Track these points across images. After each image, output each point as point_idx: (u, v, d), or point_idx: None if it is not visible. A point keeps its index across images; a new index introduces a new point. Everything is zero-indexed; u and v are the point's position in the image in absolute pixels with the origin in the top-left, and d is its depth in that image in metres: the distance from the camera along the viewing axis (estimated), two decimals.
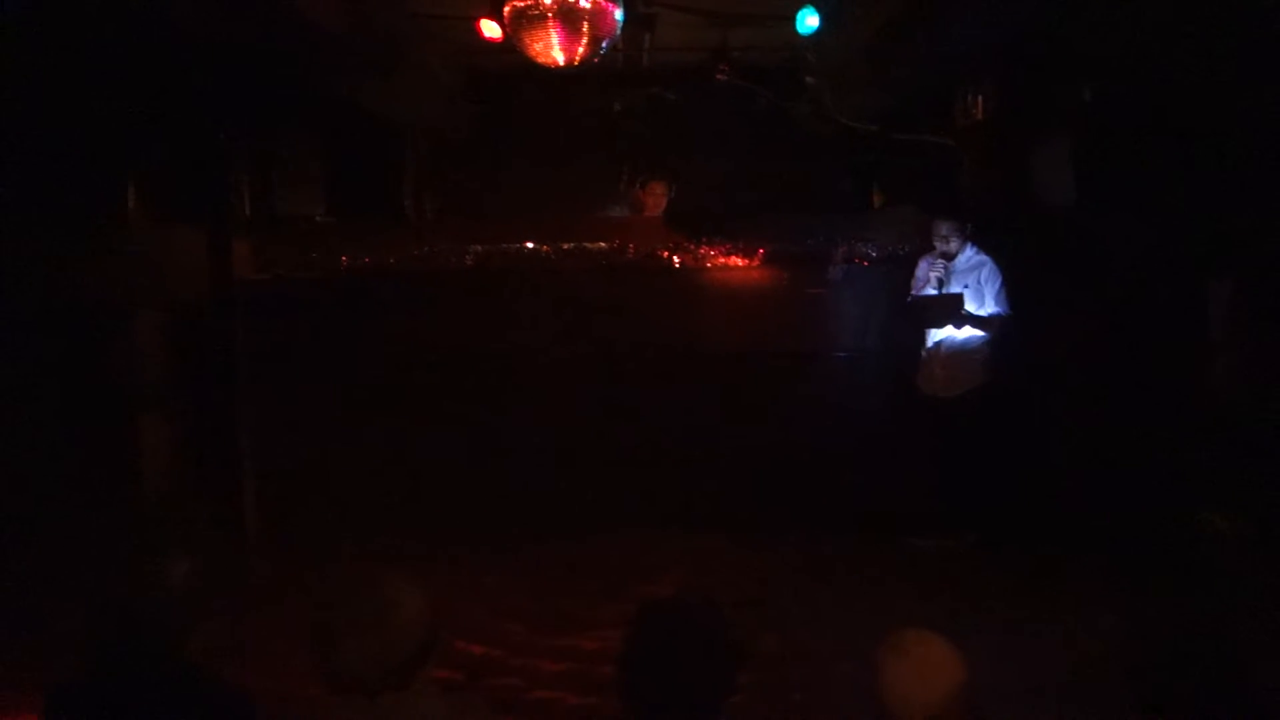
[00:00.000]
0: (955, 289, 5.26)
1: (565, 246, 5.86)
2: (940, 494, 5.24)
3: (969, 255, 5.28)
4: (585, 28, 4.69)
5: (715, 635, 2.04)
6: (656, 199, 7.16)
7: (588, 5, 4.61)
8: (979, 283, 5.24)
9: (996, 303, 5.22)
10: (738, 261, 5.85)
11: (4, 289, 5.49)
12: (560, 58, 4.74)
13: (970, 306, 5.21)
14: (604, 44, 4.80)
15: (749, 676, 3.48)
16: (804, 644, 4.14)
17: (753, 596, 4.60)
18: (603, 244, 5.86)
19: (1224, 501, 4.86)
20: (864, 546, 5.26)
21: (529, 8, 4.64)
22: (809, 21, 5.63)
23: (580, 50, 4.74)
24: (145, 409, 5.84)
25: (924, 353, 5.38)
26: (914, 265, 5.47)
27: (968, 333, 5.23)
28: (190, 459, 6.01)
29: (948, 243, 5.29)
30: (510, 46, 4.94)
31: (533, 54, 4.77)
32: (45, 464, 5.50)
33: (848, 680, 3.64)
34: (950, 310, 5.25)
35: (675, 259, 5.84)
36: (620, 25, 4.84)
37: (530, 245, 5.87)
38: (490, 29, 5.42)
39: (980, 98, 5.81)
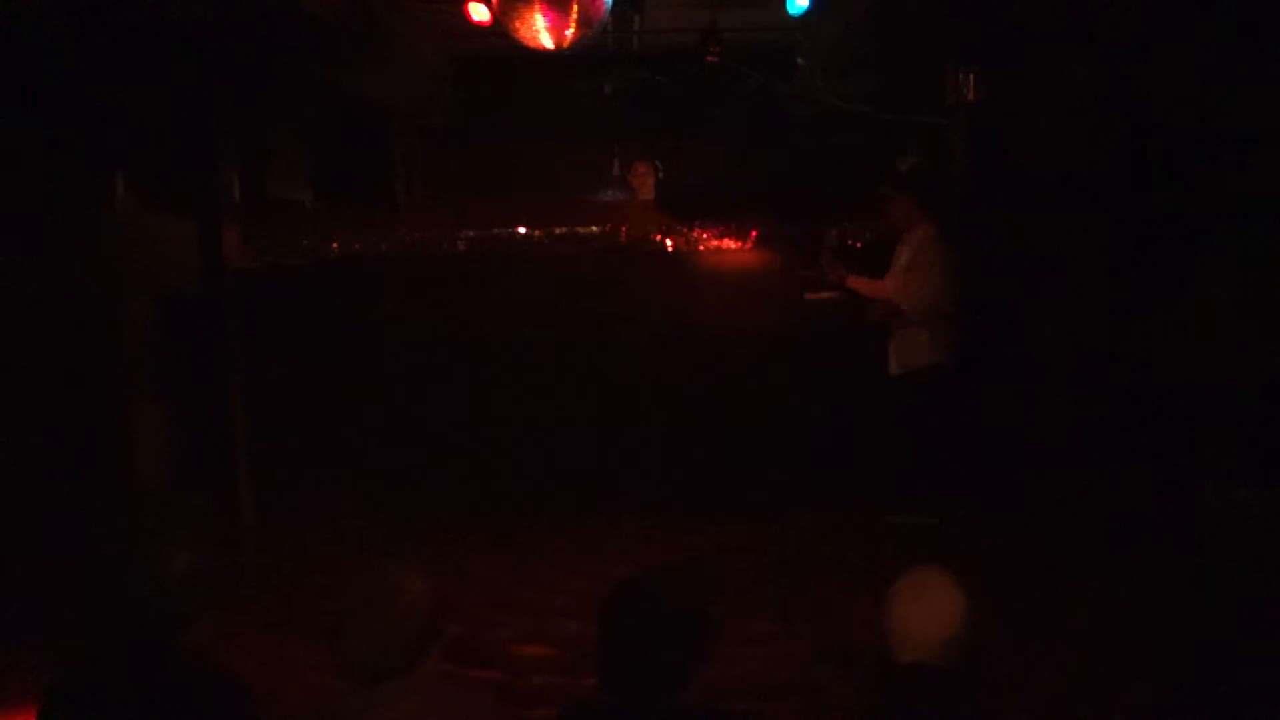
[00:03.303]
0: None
1: (557, 231, 5.84)
2: (912, 472, 5.28)
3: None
4: (574, 10, 4.66)
5: (692, 614, 2.09)
6: (641, 180, 7.14)
7: None
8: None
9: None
10: (730, 244, 5.83)
11: None
12: (549, 40, 4.72)
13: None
14: (594, 26, 4.77)
15: (729, 650, 3.54)
16: (790, 619, 4.19)
17: (742, 574, 4.65)
18: (595, 228, 5.84)
19: (1225, 475, 4.89)
20: (849, 523, 5.32)
21: None
22: (799, 2, 5.61)
23: (569, 33, 4.72)
24: (138, 399, 5.82)
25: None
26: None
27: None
28: (184, 448, 6.00)
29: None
30: (499, 29, 4.91)
31: (521, 37, 4.74)
32: (38, 456, 5.48)
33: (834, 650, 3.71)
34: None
35: (668, 242, 5.82)
36: (609, 7, 4.81)
37: (522, 230, 5.85)
38: (479, 12, 5.40)
39: (971, 76, 5.79)
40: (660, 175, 7.04)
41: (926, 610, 2.00)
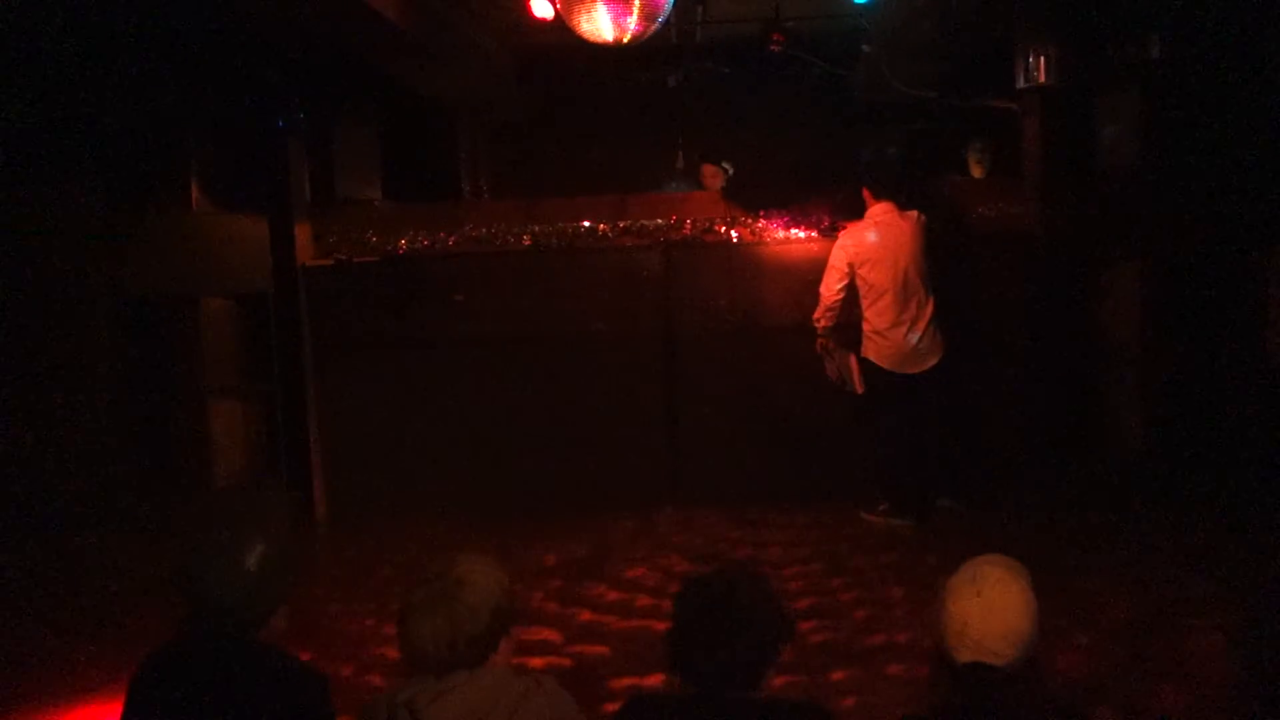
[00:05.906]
0: None
1: (622, 224, 5.84)
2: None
3: None
4: (636, 3, 4.64)
5: (765, 607, 2.06)
6: (711, 180, 7.11)
7: None
8: None
9: None
10: (796, 234, 5.78)
11: (75, 283, 5.65)
12: (611, 35, 4.70)
13: None
14: (657, 20, 4.74)
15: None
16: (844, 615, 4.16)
17: (808, 567, 4.64)
18: (659, 221, 5.83)
19: None
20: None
21: None
22: None
23: (632, 27, 4.69)
24: (214, 393, 5.97)
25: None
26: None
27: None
28: (260, 441, 6.14)
29: None
30: (562, 25, 4.91)
31: (584, 33, 4.74)
32: (120, 451, 5.65)
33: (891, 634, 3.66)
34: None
35: (734, 234, 5.79)
36: (672, 1, 4.78)
37: (587, 224, 5.86)
38: (541, 8, 5.41)
39: (1043, 59, 5.65)
40: (729, 174, 6.99)
41: (985, 607, 1.90)
